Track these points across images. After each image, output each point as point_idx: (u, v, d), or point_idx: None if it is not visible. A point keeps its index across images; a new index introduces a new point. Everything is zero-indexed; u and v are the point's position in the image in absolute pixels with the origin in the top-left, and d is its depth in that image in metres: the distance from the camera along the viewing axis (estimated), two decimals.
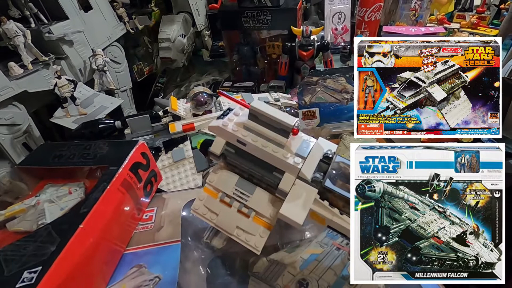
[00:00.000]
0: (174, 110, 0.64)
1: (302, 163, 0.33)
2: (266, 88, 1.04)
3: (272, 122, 0.33)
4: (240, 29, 1.06)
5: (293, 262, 0.40)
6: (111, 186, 0.36)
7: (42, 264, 0.27)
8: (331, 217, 0.32)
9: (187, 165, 0.61)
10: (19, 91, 0.92)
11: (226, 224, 0.37)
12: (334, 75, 0.65)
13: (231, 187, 0.37)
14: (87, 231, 0.31)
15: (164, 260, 0.38)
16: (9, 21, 0.88)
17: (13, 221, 0.36)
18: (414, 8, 1.02)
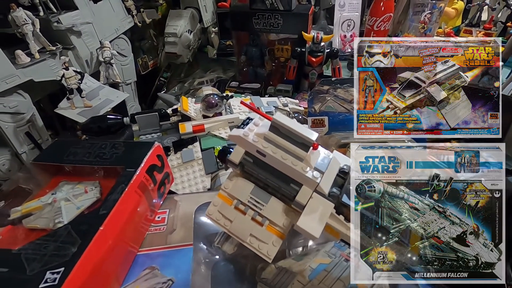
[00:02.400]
0: (185, 110, 0.65)
1: (320, 177, 0.34)
2: (273, 91, 1.05)
3: (293, 135, 0.34)
4: (250, 30, 1.06)
5: (302, 271, 0.41)
6: (129, 188, 0.36)
7: (65, 265, 0.28)
8: (346, 231, 0.33)
9: (196, 166, 0.61)
10: (25, 79, 0.91)
11: (240, 231, 0.37)
12: (345, 85, 0.66)
13: (246, 195, 0.38)
14: (107, 233, 0.32)
15: (176, 263, 0.38)
16: (19, 9, 0.87)
17: (30, 217, 0.36)
18: (423, 21, 1.03)
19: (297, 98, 1.03)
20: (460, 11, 1.20)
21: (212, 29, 1.65)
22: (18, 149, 0.99)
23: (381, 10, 1.08)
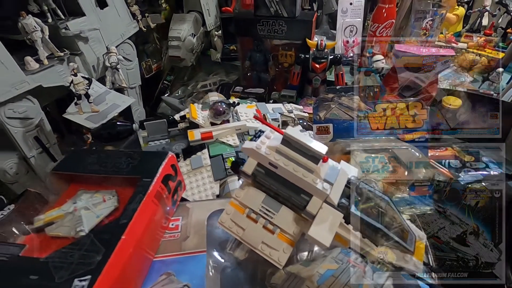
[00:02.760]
0: (194, 118, 0.66)
1: (330, 189, 0.35)
2: (277, 96, 1.07)
3: (304, 149, 0.35)
4: (254, 36, 1.08)
5: (311, 276, 0.42)
6: (146, 198, 0.38)
7: (91, 273, 0.30)
8: (354, 240, 0.35)
9: (205, 173, 0.63)
10: (34, 85, 0.93)
11: (252, 239, 0.39)
12: (349, 93, 0.68)
13: (257, 204, 0.40)
14: (128, 241, 0.34)
15: (191, 269, 0.40)
16: (28, 16, 0.89)
17: (52, 226, 0.37)
18: (425, 27, 1.05)
19: (301, 103, 1.05)
20: (461, 17, 1.21)
21: (215, 33, 1.66)
22: (27, 154, 1.01)
23: (384, 16, 1.10)
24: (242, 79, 1.26)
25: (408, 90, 0.98)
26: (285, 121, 0.79)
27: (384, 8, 1.08)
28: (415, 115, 0.69)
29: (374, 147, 0.66)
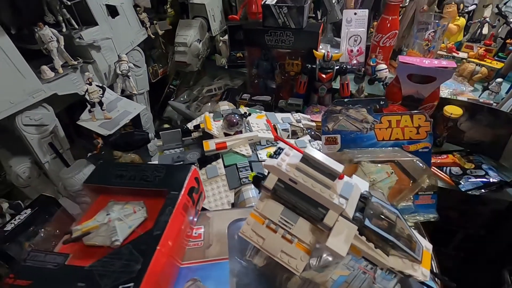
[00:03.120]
0: (209, 129, 0.70)
1: (345, 203, 0.39)
2: (285, 104, 1.10)
3: (322, 167, 0.39)
4: (262, 46, 1.11)
5: (325, 282, 0.46)
6: (175, 210, 0.41)
7: (133, 280, 0.33)
8: (367, 250, 0.39)
9: (220, 182, 0.66)
10: (50, 93, 0.96)
11: (272, 248, 0.43)
12: (357, 105, 0.71)
13: (276, 216, 0.43)
14: (162, 251, 0.37)
15: (215, 276, 0.43)
16: (45, 27, 0.92)
17: (89, 235, 0.41)
18: (427, 38, 1.08)
19: (307, 111, 1.08)
20: (462, 27, 1.25)
21: (220, 38, 1.70)
22: (42, 159, 1.04)
23: (387, 27, 1.13)
24: (249, 87, 1.30)
25: (411, 99, 1.02)
26: (295, 130, 0.82)
27: (388, 19, 1.11)
28: (419, 127, 0.72)
29: (380, 158, 0.70)
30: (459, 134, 1.06)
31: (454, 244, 1.36)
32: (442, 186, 1.01)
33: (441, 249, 1.39)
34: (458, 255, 1.39)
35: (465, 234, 1.31)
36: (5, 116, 0.87)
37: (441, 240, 1.35)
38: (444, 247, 1.39)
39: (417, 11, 1.22)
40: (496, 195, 0.97)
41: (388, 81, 1.16)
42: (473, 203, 1.09)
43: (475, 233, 1.25)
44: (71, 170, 1.04)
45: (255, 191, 0.63)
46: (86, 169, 1.05)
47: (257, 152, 0.71)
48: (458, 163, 1.03)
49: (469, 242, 1.32)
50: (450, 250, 1.39)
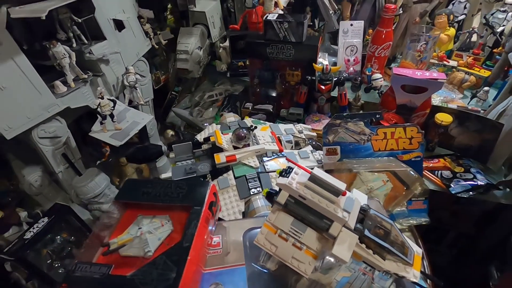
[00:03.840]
0: (220, 144, 0.75)
1: (348, 216, 0.45)
2: (286, 113, 1.16)
3: (328, 185, 0.45)
4: (264, 58, 1.17)
5: (330, 283, 0.52)
6: (200, 223, 0.47)
7: (170, 287, 0.39)
8: (367, 256, 0.45)
9: (231, 192, 0.72)
10: (63, 107, 1.01)
11: (284, 254, 0.49)
12: (355, 119, 0.77)
13: (287, 226, 0.49)
14: (192, 260, 0.43)
15: (234, 280, 0.49)
16: (58, 44, 0.96)
17: (124, 247, 0.46)
18: (419, 49, 1.15)
19: (307, 120, 1.15)
20: (452, 36, 1.32)
21: (220, 44, 1.75)
22: (56, 169, 1.09)
23: (382, 38, 1.20)
24: (251, 95, 1.35)
25: (405, 108, 1.09)
26: (297, 141, 0.88)
27: (383, 32, 1.18)
28: (412, 138, 0.79)
29: (377, 167, 0.76)
30: (450, 139, 1.13)
31: (447, 243, 1.44)
32: (434, 189, 1.08)
33: (434, 247, 1.47)
34: (451, 253, 1.47)
35: (457, 233, 1.39)
36: (23, 130, 0.92)
37: (434, 239, 1.43)
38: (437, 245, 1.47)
39: (409, 22, 1.29)
40: (484, 197, 1.05)
41: (383, 89, 1.22)
42: (463, 204, 1.16)
43: (466, 232, 1.33)
44: (83, 179, 1.10)
45: (264, 201, 0.69)
46: (98, 178, 1.10)
47: (264, 164, 0.78)
48: (449, 166, 1.10)
49: (460, 240, 1.40)
50: (443, 248, 1.47)
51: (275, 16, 1.08)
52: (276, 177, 0.71)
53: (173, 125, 1.82)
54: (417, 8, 1.28)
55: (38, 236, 0.94)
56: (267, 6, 1.32)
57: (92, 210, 1.17)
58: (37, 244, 0.95)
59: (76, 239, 1.09)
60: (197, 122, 1.67)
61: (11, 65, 0.85)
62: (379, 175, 0.76)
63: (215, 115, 1.63)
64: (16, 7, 0.82)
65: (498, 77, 1.19)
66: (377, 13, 1.32)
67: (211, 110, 1.72)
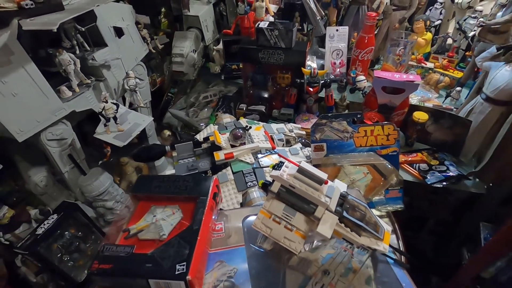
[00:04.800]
0: (219, 143, 0.84)
1: (330, 201, 0.55)
2: (277, 113, 1.25)
3: (313, 176, 0.54)
4: (256, 62, 1.25)
5: (316, 259, 0.62)
6: (206, 211, 0.56)
7: (185, 261, 0.47)
8: (345, 233, 0.55)
9: (230, 185, 0.81)
10: (69, 111, 1.08)
11: (277, 235, 0.58)
12: (339, 119, 0.87)
13: (280, 212, 0.59)
14: (201, 240, 0.52)
15: (236, 258, 0.58)
16: (64, 52, 1.03)
17: (142, 232, 0.54)
18: (398, 53, 1.26)
19: (297, 119, 1.24)
20: (429, 40, 1.43)
21: (213, 47, 1.83)
22: (62, 169, 1.16)
23: (365, 43, 1.30)
24: (244, 97, 1.44)
25: (385, 107, 1.19)
26: (288, 139, 0.98)
27: (365, 37, 1.28)
28: (389, 135, 0.89)
29: (358, 161, 0.86)
30: (426, 135, 1.25)
31: (427, 230, 1.56)
32: (413, 181, 1.19)
33: (416, 234, 1.59)
34: (431, 239, 1.60)
35: (435, 221, 1.51)
36: (33, 133, 0.99)
37: (416, 227, 1.55)
38: (419, 232, 1.59)
39: (390, 28, 1.40)
40: (456, 186, 1.16)
41: (367, 90, 1.33)
42: (440, 194, 1.28)
43: (444, 220, 1.46)
44: (88, 178, 1.17)
45: (259, 192, 0.78)
46: (102, 177, 1.18)
47: (258, 160, 0.87)
48: (426, 160, 1.21)
49: (439, 227, 1.52)
50: (424, 235, 1.59)
51: (266, 24, 1.17)
52: (269, 172, 0.81)
53: (170, 125, 1.89)
54: (396, 15, 1.38)
55: (49, 231, 1.01)
56: (259, 12, 1.41)
57: (97, 207, 1.24)
58: (49, 239, 1.02)
59: (83, 234, 1.17)
60: (193, 122, 1.74)
61: (22, 73, 0.92)
62: (360, 168, 0.85)
63: (210, 115, 1.71)
64: (26, 19, 0.88)
65: (469, 78, 1.30)
66: (361, 19, 1.42)
67: (206, 110, 1.79)
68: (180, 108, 1.94)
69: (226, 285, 0.54)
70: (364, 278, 0.58)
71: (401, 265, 0.59)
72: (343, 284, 0.57)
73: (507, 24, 1.04)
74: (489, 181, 1.13)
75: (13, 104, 0.91)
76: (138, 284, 0.48)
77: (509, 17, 1.03)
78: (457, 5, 1.39)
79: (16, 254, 1.12)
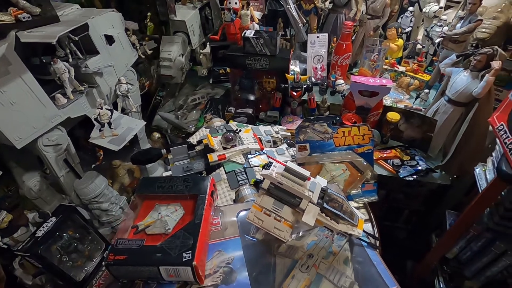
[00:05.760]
0: (212, 145, 0.92)
1: (312, 194, 0.64)
2: (264, 116, 1.34)
3: (297, 173, 0.64)
4: (243, 68, 1.34)
5: (302, 245, 0.71)
6: (205, 206, 0.64)
7: (190, 249, 0.55)
8: (326, 221, 0.64)
9: (223, 184, 0.89)
10: (65, 117, 1.13)
11: (268, 226, 0.67)
12: (320, 121, 0.97)
13: (270, 205, 0.67)
14: (203, 232, 0.59)
15: (232, 247, 0.67)
16: (58, 61, 1.07)
17: (149, 227, 0.62)
18: (373, 59, 1.38)
19: (283, 121, 1.34)
20: (401, 46, 1.57)
21: (200, 51, 1.89)
22: (58, 174, 1.20)
23: (343, 49, 1.41)
24: (232, 100, 1.52)
25: (362, 109, 1.31)
26: (275, 140, 1.07)
27: (343, 44, 1.39)
28: (364, 135, 1.00)
29: (338, 159, 0.96)
30: (399, 133, 1.38)
31: (403, 220, 1.71)
32: (388, 175, 1.32)
33: (393, 224, 1.73)
34: (407, 228, 1.74)
35: (410, 211, 1.65)
36: (31, 140, 1.02)
37: (393, 217, 1.69)
38: (396, 222, 1.74)
39: (365, 35, 1.52)
40: (426, 179, 1.30)
41: (345, 93, 1.44)
42: (412, 186, 1.41)
43: (417, 210, 1.60)
44: (84, 181, 1.21)
45: (250, 190, 0.87)
46: (97, 180, 1.23)
47: (248, 160, 0.95)
48: (399, 156, 1.34)
49: (413, 217, 1.67)
50: (400, 224, 1.74)
51: (252, 33, 1.25)
52: (259, 171, 0.89)
53: (159, 128, 1.94)
54: (371, 24, 1.51)
55: (48, 233, 1.05)
56: (244, 20, 1.49)
57: (92, 209, 1.28)
58: (48, 241, 1.06)
59: (80, 235, 1.21)
60: (182, 125, 1.80)
61: (20, 83, 0.96)
62: (340, 165, 0.96)
63: (199, 117, 1.78)
64: (24, 31, 0.92)
65: (436, 80, 1.44)
66: (339, 26, 1.53)
67: (194, 112, 1.86)
68: (169, 111, 1.99)
69: (225, 270, 0.63)
70: (342, 259, 0.68)
71: (372, 247, 0.70)
72: (325, 265, 0.66)
73: (464, 34, 1.17)
74: (453, 173, 1.27)
75: (11, 113, 0.95)
76: (150, 271, 0.55)
77: (466, 28, 1.17)
78: (425, 14, 1.53)
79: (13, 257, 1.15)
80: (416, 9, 1.59)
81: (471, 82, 1.08)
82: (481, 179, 0.98)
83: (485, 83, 1.01)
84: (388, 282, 0.62)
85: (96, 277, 1.19)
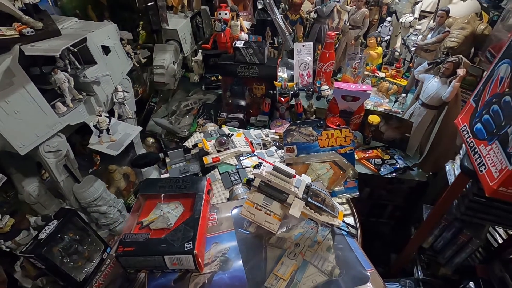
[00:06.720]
0: (207, 149, 1.00)
1: (297, 190, 0.73)
2: (255, 120, 1.43)
3: (284, 172, 0.72)
4: (234, 75, 1.42)
5: (290, 236, 0.80)
6: (203, 203, 0.72)
7: (191, 240, 0.63)
8: (310, 213, 0.73)
9: (218, 184, 0.97)
10: (65, 125, 1.18)
11: (259, 219, 0.75)
12: (305, 125, 1.06)
13: (261, 201, 0.76)
14: (201, 226, 0.67)
15: (227, 239, 0.74)
16: (59, 72, 1.13)
17: (152, 223, 0.69)
18: (355, 66, 1.49)
19: (272, 125, 1.43)
20: (380, 54, 1.69)
21: (191, 58, 1.97)
22: (58, 179, 1.25)
23: (327, 57, 1.52)
24: (224, 106, 1.60)
25: (345, 112, 1.41)
26: (264, 143, 1.15)
27: (327, 53, 1.50)
28: (346, 136, 1.09)
29: (322, 159, 1.06)
30: (380, 134, 1.48)
31: (386, 215, 1.82)
32: (370, 173, 1.42)
33: (378, 220, 1.84)
34: (390, 223, 1.85)
35: (393, 206, 1.76)
36: (34, 147, 1.08)
37: (378, 213, 1.80)
38: (380, 217, 1.84)
39: (347, 44, 1.63)
40: (404, 176, 1.41)
41: (330, 98, 1.54)
42: (394, 183, 1.52)
43: (399, 205, 1.71)
44: (83, 185, 1.27)
45: (242, 189, 0.95)
46: (96, 184, 1.28)
47: (241, 162, 1.03)
48: (380, 155, 1.45)
49: (396, 212, 1.78)
50: (385, 219, 1.85)
51: (242, 43, 1.34)
52: (251, 171, 0.98)
53: (153, 133, 2.00)
54: (352, 33, 1.62)
55: (51, 236, 1.10)
56: (234, 30, 1.58)
57: (91, 212, 1.34)
58: (50, 242, 1.11)
59: (80, 237, 1.26)
60: (176, 129, 1.87)
61: (23, 93, 1.01)
62: (324, 164, 1.05)
63: (192, 122, 1.85)
64: (27, 44, 0.98)
65: (412, 85, 1.57)
66: (323, 35, 1.64)
67: (187, 117, 1.93)
68: (162, 116, 2.05)
69: (222, 260, 0.70)
70: (325, 247, 0.77)
71: (351, 235, 0.79)
72: (310, 252, 0.75)
73: (434, 44, 1.29)
74: (428, 170, 1.38)
75: (15, 121, 1.00)
76: (155, 260, 0.63)
77: (436, 38, 1.29)
78: (402, 24, 1.65)
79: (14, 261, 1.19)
80: (394, 19, 1.72)
81: (441, 87, 1.19)
82: (450, 174, 1.08)
83: (452, 88, 1.12)
84: (365, 265, 0.71)
85: (96, 278, 1.24)
